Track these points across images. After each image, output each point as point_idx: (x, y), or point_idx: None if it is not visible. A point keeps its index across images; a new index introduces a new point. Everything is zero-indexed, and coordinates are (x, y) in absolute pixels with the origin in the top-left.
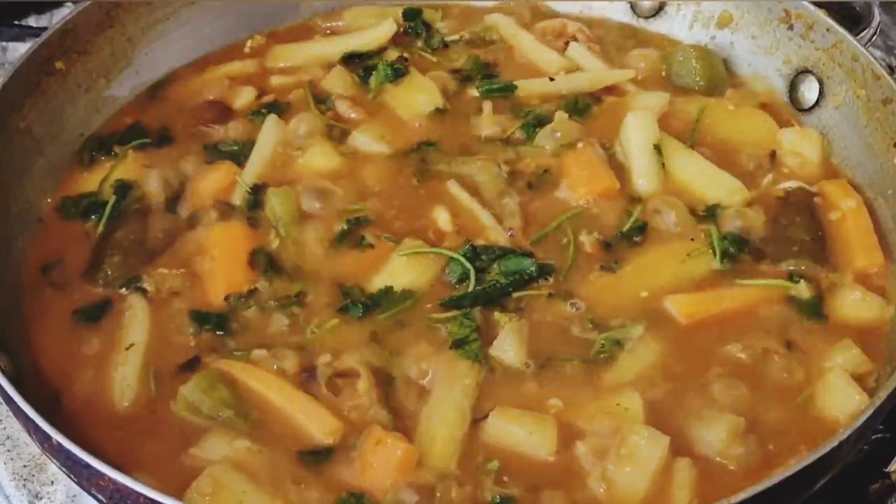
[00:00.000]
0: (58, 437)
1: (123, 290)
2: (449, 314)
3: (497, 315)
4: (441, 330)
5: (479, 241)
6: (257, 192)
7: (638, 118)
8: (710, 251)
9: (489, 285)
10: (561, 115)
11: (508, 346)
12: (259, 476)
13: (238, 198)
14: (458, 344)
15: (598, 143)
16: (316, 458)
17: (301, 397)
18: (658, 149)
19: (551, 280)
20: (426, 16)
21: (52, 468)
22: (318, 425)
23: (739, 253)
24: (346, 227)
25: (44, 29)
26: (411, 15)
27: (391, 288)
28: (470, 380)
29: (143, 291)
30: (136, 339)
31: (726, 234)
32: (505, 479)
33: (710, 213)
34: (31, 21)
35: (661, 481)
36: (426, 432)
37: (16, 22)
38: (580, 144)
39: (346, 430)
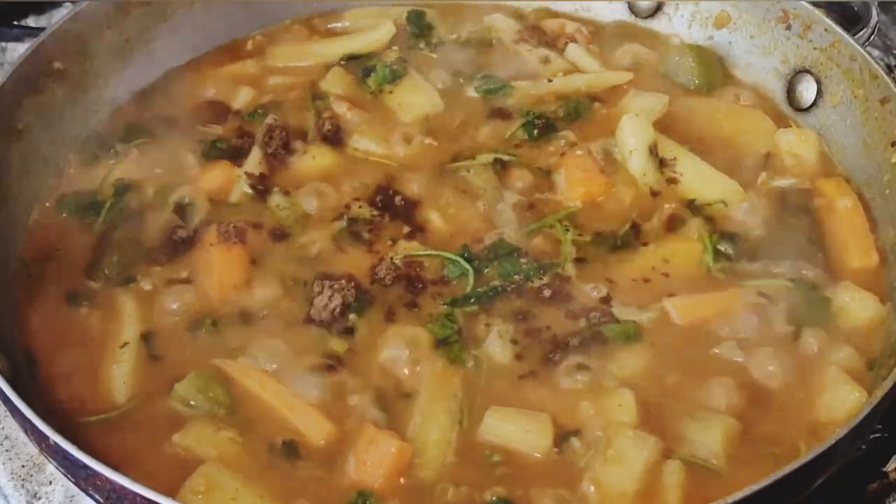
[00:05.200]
0: (55, 437)
1: (121, 289)
2: (435, 313)
3: (489, 316)
4: (427, 329)
5: (476, 243)
6: (256, 192)
7: (633, 121)
8: (706, 252)
9: (490, 288)
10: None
11: (499, 347)
12: (251, 475)
13: (236, 197)
14: (440, 344)
15: (595, 145)
16: (309, 457)
17: (295, 398)
18: (654, 150)
19: (547, 279)
20: (427, 17)
21: (50, 468)
22: (311, 426)
23: (735, 254)
24: (344, 227)
25: (43, 29)
26: (416, 18)
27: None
28: (458, 380)
29: (141, 290)
30: (131, 337)
31: (722, 235)
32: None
33: (706, 215)
34: (31, 21)
35: (651, 482)
36: (419, 435)
37: (15, 22)
38: (578, 151)
39: (339, 430)
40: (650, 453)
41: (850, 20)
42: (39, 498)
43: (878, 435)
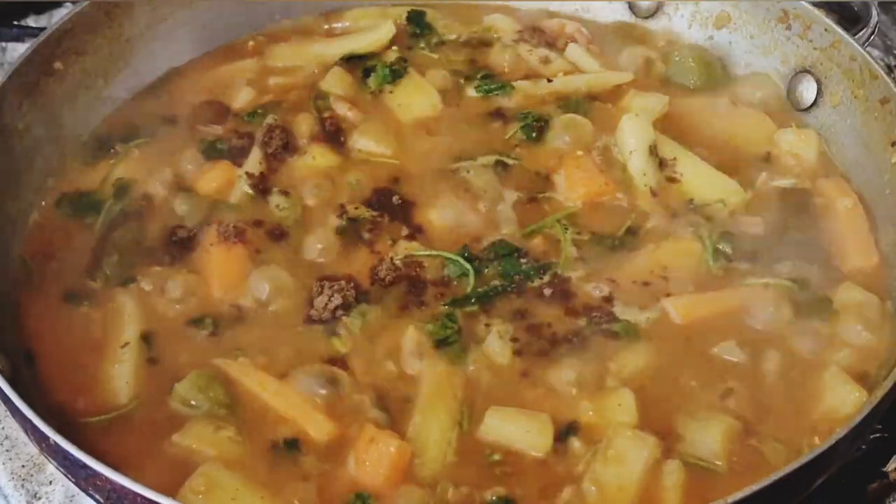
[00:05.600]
0: (55, 437)
1: (121, 289)
2: (436, 313)
3: (489, 316)
4: (427, 329)
5: (476, 243)
6: (256, 192)
7: (632, 121)
8: (706, 252)
9: (490, 288)
10: (570, 118)
11: (499, 346)
12: (251, 474)
13: (236, 197)
14: (440, 344)
15: (595, 146)
16: (309, 457)
17: (296, 398)
18: (653, 150)
19: (547, 279)
20: (427, 17)
21: (51, 468)
22: (311, 426)
23: (735, 254)
24: (344, 227)
25: (42, 29)
26: (416, 18)
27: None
28: (458, 380)
29: (142, 290)
30: (132, 337)
31: (722, 234)
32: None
33: (706, 214)
34: (30, 21)
35: (651, 482)
36: (419, 435)
37: (15, 22)
38: (578, 151)
39: (339, 430)
40: (650, 453)
41: (850, 20)
42: (39, 498)
43: (878, 435)
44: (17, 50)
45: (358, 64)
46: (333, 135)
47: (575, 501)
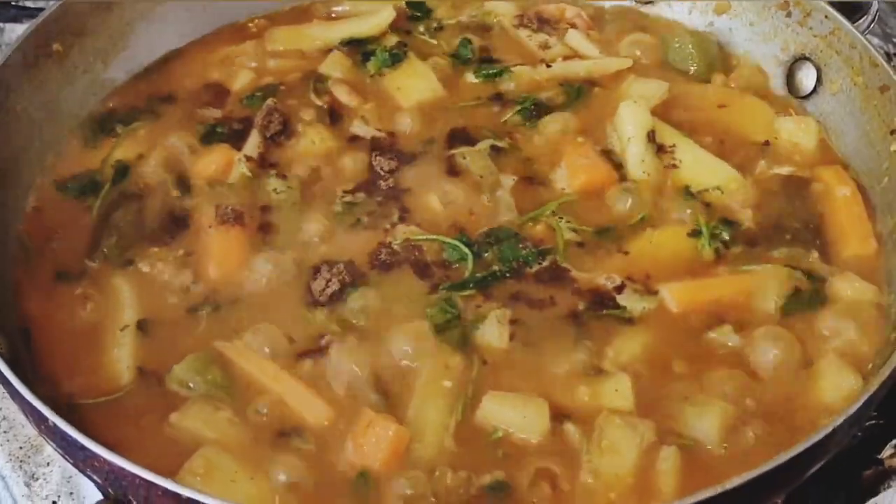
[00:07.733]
0: (54, 418)
1: (120, 271)
2: (432, 297)
3: (487, 301)
4: (426, 314)
5: (475, 229)
6: (255, 175)
7: (630, 108)
8: (704, 239)
9: (489, 273)
10: (563, 115)
11: (497, 331)
12: (250, 457)
13: (235, 179)
14: (439, 329)
15: (594, 132)
16: (307, 441)
17: (293, 381)
18: (652, 137)
19: (546, 265)
20: (427, 1)
21: (49, 450)
22: (309, 409)
23: (733, 240)
24: (343, 210)
25: (41, 10)
26: (416, 2)
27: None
28: (456, 364)
29: (140, 272)
30: (131, 320)
31: (720, 221)
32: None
33: (704, 201)
34: (29, 2)
35: (647, 468)
36: (417, 419)
37: (13, 3)
38: (579, 138)
39: (337, 414)
40: (643, 439)
41: (851, 8)
42: (37, 479)
43: (873, 421)
44: (16, 31)
45: (357, 48)
46: (332, 118)
47: (572, 486)
